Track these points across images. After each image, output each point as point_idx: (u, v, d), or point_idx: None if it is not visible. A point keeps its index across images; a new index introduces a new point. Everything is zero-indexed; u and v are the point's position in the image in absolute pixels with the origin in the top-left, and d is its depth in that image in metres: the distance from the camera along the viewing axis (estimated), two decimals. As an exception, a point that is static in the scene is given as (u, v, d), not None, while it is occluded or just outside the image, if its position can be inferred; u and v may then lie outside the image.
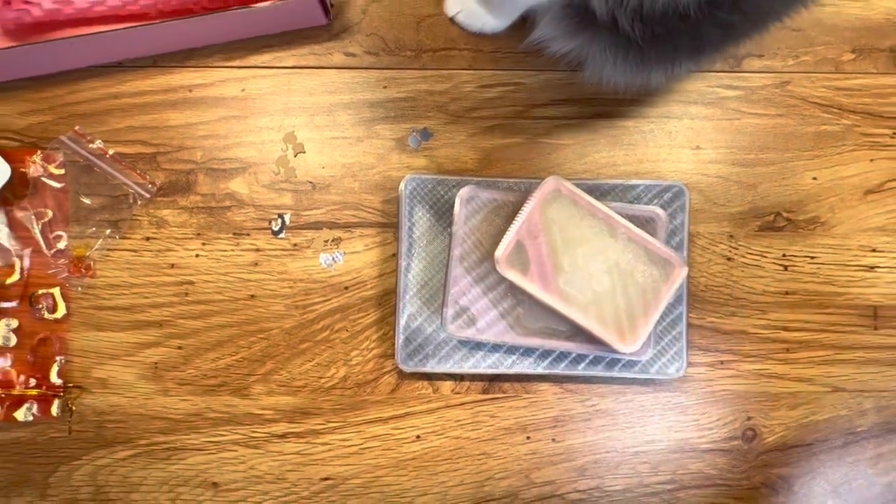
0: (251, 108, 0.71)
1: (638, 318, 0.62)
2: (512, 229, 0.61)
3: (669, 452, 0.69)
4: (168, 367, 0.69)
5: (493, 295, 0.65)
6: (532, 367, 0.67)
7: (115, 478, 0.69)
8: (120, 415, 0.69)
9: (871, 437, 0.70)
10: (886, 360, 0.70)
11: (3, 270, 0.69)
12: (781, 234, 0.71)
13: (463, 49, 0.71)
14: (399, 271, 0.67)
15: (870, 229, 0.71)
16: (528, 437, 0.69)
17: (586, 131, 0.71)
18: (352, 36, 0.71)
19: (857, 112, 0.72)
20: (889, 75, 0.72)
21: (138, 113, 0.71)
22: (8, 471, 0.68)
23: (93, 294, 0.69)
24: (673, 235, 0.67)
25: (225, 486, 0.69)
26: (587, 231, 0.62)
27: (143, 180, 0.70)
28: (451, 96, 0.71)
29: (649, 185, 0.68)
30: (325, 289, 0.70)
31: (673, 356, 0.67)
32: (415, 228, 0.67)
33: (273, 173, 0.70)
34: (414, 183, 0.67)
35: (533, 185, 0.66)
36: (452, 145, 0.71)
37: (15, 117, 0.70)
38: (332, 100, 0.71)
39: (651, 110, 0.71)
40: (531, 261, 0.61)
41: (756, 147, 0.71)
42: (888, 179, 0.71)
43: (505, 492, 0.69)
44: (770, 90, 0.72)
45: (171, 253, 0.70)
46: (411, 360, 0.67)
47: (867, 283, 0.71)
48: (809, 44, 0.72)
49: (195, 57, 0.71)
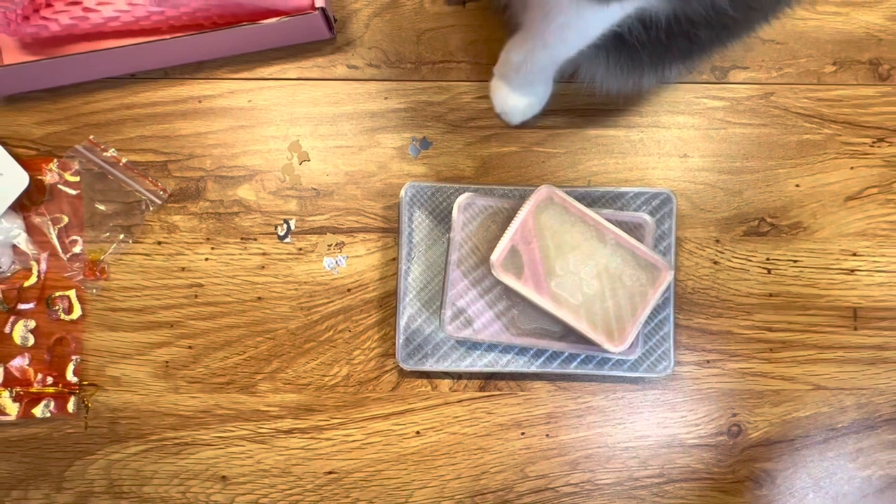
0: (258, 118, 0.74)
1: (626, 320, 0.65)
2: (507, 235, 0.64)
3: (658, 447, 0.72)
4: (179, 365, 0.72)
5: (489, 297, 0.68)
6: (526, 365, 0.69)
7: (128, 472, 0.71)
8: (133, 411, 0.72)
9: (850, 433, 0.72)
10: (866, 360, 0.73)
11: (22, 274, 0.72)
12: (766, 239, 0.74)
13: (461, 62, 0.74)
14: (399, 274, 0.70)
15: (850, 234, 0.74)
16: (523, 433, 0.72)
17: (578, 140, 0.73)
18: (354, 49, 0.74)
19: (838, 122, 0.74)
20: (869, 86, 0.75)
21: (150, 123, 0.73)
22: (26, 465, 0.71)
23: (107, 296, 0.72)
24: (661, 240, 0.70)
25: (233, 479, 0.72)
26: (578, 237, 0.65)
27: (154, 187, 0.73)
28: (449, 107, 0.74)
29: (638, 193, 0.71)
30: (329, 291, 0.72)
31: (661, 355, 0.69)
32: (414, 233, 0.70)
33: (279, 180, 0.73)
34: (414, 190, 0.70)
35: (527, 192, 0.69)
36: (450, 154, 0.73)
37: (32, 127, 0.73)
38: (335, 110, 0.74)
39: (640, 120, 0.74)
40: (525, 265, 0.64)
41: (741, 155, 0.74)
42: (868, 186, 0.74)
43: (500, 485, 0.71)
44: (755, 101, 0.74)
45: (182, 257, 0.73)
46: (411, 359, 0.69)
47: (847, 286, 0.73)
48: (792, 56, 0.75)
49: (205, 69, 0.74)
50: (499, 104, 0.71)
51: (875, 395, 0.73)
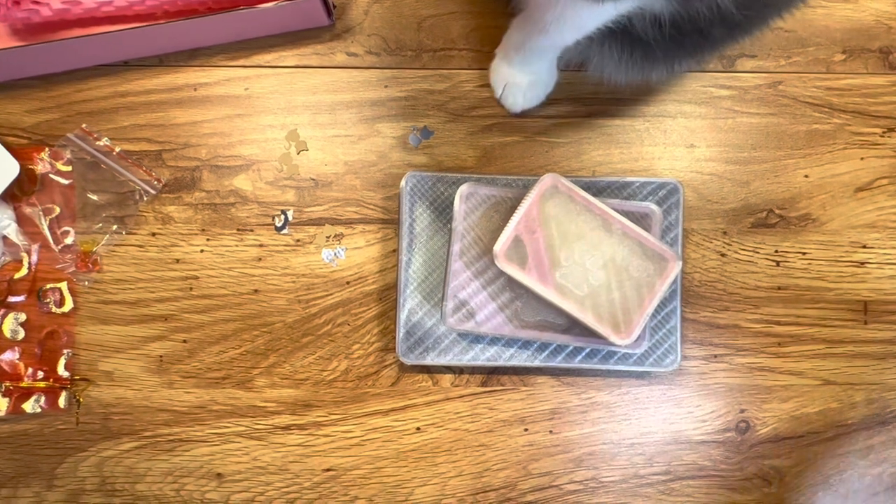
0: (255, 106, 0.72)
1: (633, 312, 0.63)
2: (510, 225, 0.63)
3: (664, 444, 0.71)
4: (173, 360, 0.70)
5: (491, 289, 0.67)
6: (530, 359, 0.68)
7: (121, 469, 0.70)
8: (125, 407, 0.70)
9: (861, 429, 0.71)
10: (876, 354, 0.71)
11: (12, 265, 0.71)
12: (774, 231, 0.72)
13: (462, 49, 0.73)
14: (400, 266, 0.68)
15: (860, 226, 0.72)
16: (526, 429, 0.70)
17: (583, 130, 0.72)
18: (354, 36, 0.73)
19: (847, 111, 0.73)
20: (879, 75, 0.73)
21: (144, 111, 0.72)
22: (16, 462, 0.69)
23: (99, 288, 0.71)
24: (667, 231, 0.68)
25: (229, 476, 0.70)
26: (583, 226, 0.63)
27: (148, 177, 0.71)
28: (450, 95, 0.72)
29: (644, 182, 0.69)
30: (327, 284, 0.71)
31: (667, 350, 0.68)
32: (415, 224, 0.69)
33: (276, 170, 0.72)
34: (414, 180, 0.69)
35: (531, 182, 0.67)
36: (452, 143, 0.72)
37: (23, 115, 0.72)
38: (334, 99, 0.72)
39: (646, 109, 0.73)
40: (529, 255, 0.63)
41: (749, 145, 0.73)
42: (878, 177, 0.73)
43: (503, 482, 0.70)
44: (763, 90, 0.73)
45: (176, 248, 0.71)
46: (412, 353, 0.68)
47: (857, 279, 0.72)
48: (801, 45, 0.73)
49: (200, 56, 0.72)
50: (498, 83, 0.70)
51: (885, 390, 0.71)
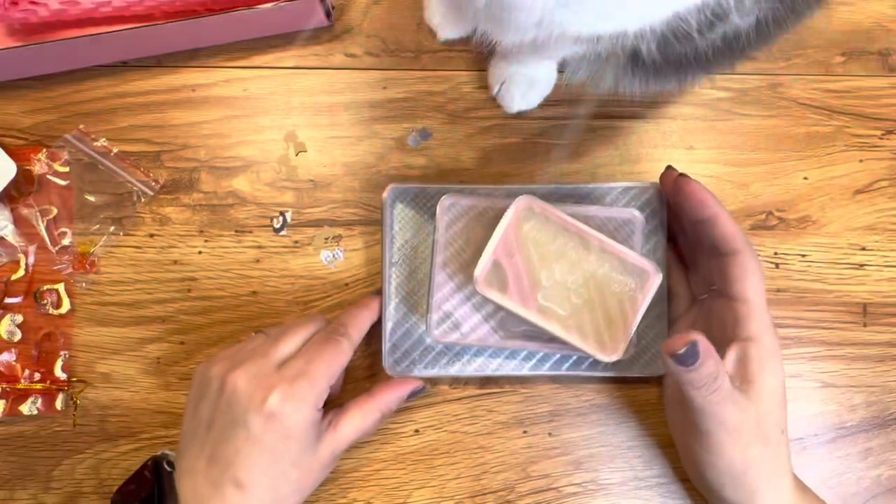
0: (253, 107, 0.72)
1: (618, 328, 0.62)
2: (488, 249, 0.62)
3: (663, 446, 0.70)
4: (170, 361, 0.70)
5: (475, 300, 0.66)
6: (517, 369, 0.67)
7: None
8: (123, 409, 0.70)
9: (860, 432, 0.71)
10: (876, 357, 0.71)
11: (9, 266, 0.70)
12: (773, 233, 0.72)
13: (461, 51, 0.72)
14: (384, 281, 0.68)
15: (859, 228, 0.72)
16: (525, 432, 0.70)
17: (582, 131, 0.72)
18: (353, 37, 0.73)
19: (846, 113, 0.73)
20: (878, 78, 0.73)
21: (142, 112, 0.72)
22: (12, 464, 0.69)
23: (97, 290, 0.70)
24: (649, 238, 0.68)
25: (226, 479, 0.70)
26: (562, 246, 0.62)
27: (146, 178, 0.71)
28: (449, 97, 0.72)
29: (626, 188, 0.68)
30: (326, 285, 0.71)
31: (655, 354, 0.68)
32: (397, 237, 0.68)
33: (275, 172, 0.71)
34: (395, 193, 0.68)
35: (512, 191, 0.67)
36: (451, 145, 0.72)
37: (20, 116, 0.71)
38: (332, 100, 0.72)
39: (646, 111, 0.72)
40: (509, 279, 0.62)
41: (748, 147, 0.73)
42: (877, 179, 0.73)
43: (501, 485, 0.69)
44: (762, 92, 0.73)
45: (174, 250, 0.71)
46: (398, 366, 0.67)
47: (857, 281, 0.72)
48: (800, 47, 0.73)
49: (199, 57, 0.72)
50: (496, 80, 0.69)
51: (885, 392, 0.71)
